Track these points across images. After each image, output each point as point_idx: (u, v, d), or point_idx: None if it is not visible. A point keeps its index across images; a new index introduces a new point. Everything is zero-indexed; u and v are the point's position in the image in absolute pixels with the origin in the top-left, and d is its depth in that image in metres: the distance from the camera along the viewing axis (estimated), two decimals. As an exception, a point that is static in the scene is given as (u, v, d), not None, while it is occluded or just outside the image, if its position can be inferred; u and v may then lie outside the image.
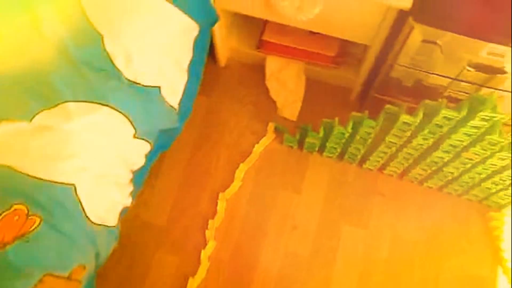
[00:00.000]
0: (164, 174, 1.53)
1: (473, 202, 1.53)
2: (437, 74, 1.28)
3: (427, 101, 1.15)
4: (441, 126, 1.16)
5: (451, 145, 1.23)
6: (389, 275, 1.45)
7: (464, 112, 1.08)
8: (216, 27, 1.42)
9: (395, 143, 1.32)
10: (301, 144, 1.54)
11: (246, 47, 1.59)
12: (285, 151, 1.58)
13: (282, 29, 1.50)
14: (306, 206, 1.52)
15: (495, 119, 1.07)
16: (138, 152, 1.23)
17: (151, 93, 1.17)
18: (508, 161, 1.22)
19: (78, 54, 1.06)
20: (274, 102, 1.62)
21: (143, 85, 1.14)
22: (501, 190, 1.39)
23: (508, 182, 1.33)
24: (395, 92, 1.43)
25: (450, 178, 1.43)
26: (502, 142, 1.14)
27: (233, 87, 1.65)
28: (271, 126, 1.59)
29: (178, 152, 1.55)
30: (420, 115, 1.15)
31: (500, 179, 1.32)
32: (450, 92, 1.33)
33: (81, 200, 1.05)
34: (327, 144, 1.47)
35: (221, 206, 1.48)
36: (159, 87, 1.18)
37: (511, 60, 1.13)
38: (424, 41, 1.16)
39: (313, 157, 1.57)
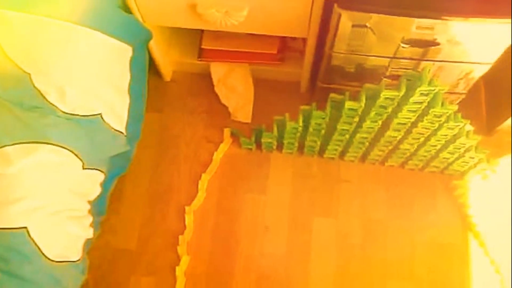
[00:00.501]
0: (127, 197, 1.52)
1: (435, 173, 1.55)
2: (375, 56, 1.29)
3: (367, 85, 1.15)
4: (385, 107, 1.17)
5: (399, 123, 1.24)
6: (365, 259, 1.46)
7: (403, 91, 1.09)
8: (153, 43, 1.41)
9: (347, 130, 1.32)
10: (259, 145, 1.54)
11: (189, 58, 1.57)
12: (245, 154, 1.57)
13: (219, 35, 1.50)
14: (274, 205, 1.51)
15: (434, 91, 1.08)
16: (91, 182, 1.21)
17: (93, 122, 1.15)
18: (457, 130, 1.24)
19: (7, 96, 1.04)
20: (227, 107, 1.61)
21: (82, 116, 1.12)
22: (458, 158, 1.41)
23: (463, 149, 1.35)
24: (340, 79, 1.43)
25: (408, 154, 1.44)
26: (447, 112, 1.15)
27: (184, 99, 1.64)
28: (227, 131, 1.58)
29: (138, 173, 1.53)
30: (363, 99, 1.15)
31: (455, 148, 1.34)
32: (392, 70, 1.34)
33: (36, 242, 1.03)
34: (284, 140, 1.47)
35: (189, 219, 1.47)
36: (100, 115, 1.16)
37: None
38: (354, 26, 1.17)
39: (273, 155, 1.57)
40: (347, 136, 1.37)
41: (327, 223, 1.50)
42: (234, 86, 1.58)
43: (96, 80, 1.16)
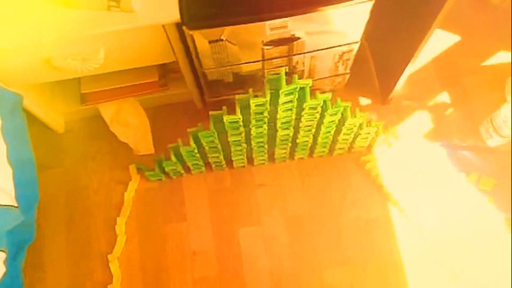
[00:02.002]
0: (48, 263, 1.46)
1: (344, 155, 1.57)
2: (245, 63, 1.29)
3: (238, 96, 1.15)
4: (261, 113, 1.17)
5: (283, 122, 1.25)
6: (296, 256, 1.46)
7: (268, 96, 1.10)
8: (30, 102, 1.37)
9: (240, 140, 1.32)
10: (166, 173, 1.52)
11: (74, 105, 1.53)
12: (156, 186, 1.55)
13: (96, 76, 1.46)
14: (196, 229, 1.50)
15: (297, 89, 1.09)
16: (-10, 265, 1.16)
17: (-29, 205, 1.10)
18: (339, 114, 1.26)
19: None
20: (127, 144, 1.58)
21: (-43, 202, 1.08)
22: (356, 136, 1.43)
23: (355, 128, 1.37)
24: (225, 91, 1.43)
25: (309, 145, 1.46)
26: (319, 103, 1.17)
27: (83, 147, 1.60)
28: (132, 168, 1.55)
29: (52, 234, 1.48)
30: (238, 111, 1.16)
31: (347, 129, 1.36)
32: (268, 71, 1.35)
33: None
34: (188, 164, 1.46)
35: (114, 267, 1.44)
36: (-22, 195, 1.12)
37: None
38: (210, 42, 1.16)
39: (184, 179, 1.55)
40: (244, 145, 1.37)
41: (253, 232, 1.50)
42: (128, 122, 1.55)
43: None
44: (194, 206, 1.52)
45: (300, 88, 1.12)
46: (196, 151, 1.35)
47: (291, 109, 1.17)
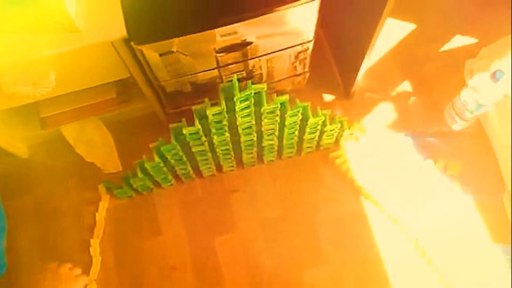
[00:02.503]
0: (22, 292, 1.44)
1: (312, 153, 1.57)
2: (201, 72, 1.28)
3: (195, 106, 1.15)
4: (219, 121, 1.17)
5: (244, 128, 1.25)
6: (275, 259, 1.45)
7: (223, 105, 1.09)
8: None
9: (204, 150, 1.31)
10: (136, 190, 1.50)
11: (34, 129, 1.50)
12: (128, 203, 1.53)
13: (54, 99, 1.44)
14: (172, 243, 1.48)
15: (251, 95, 1.09)
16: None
17: None
18: (300, 115, 1.26)
19: None
20: (94, 163, 1.56)
21: None
22: (321, 134, 1.43)
23: (319, 126, 1.37)
24: (185, 101, 1.42)
25: (276, 148, 1.46)
26: (276, 106, 1.16)
27: (49, 170, 1.57)
28: (101, 188, 1.53)
29: (27, 262, 1.45)
30: (197, 122, 1.15)
31: (311, 128, 1.36)
32: (226, 77, 1.34)
33: None
34: (156, 178, 1.44)
35: (92, 290, 1.42)
36: None
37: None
38: (161, 55, 1.15)
39: (155, 194, 1.54)
40: (209, 154, 1.36)
41: (229, 239, 1.49)
42: (92, 141, 1.53)
43: None
44: (168, 220, 1.51)
45: (256, 92, 1.12)
46: (162, 164, 1.33)
47: (249, 115, 1.17)
